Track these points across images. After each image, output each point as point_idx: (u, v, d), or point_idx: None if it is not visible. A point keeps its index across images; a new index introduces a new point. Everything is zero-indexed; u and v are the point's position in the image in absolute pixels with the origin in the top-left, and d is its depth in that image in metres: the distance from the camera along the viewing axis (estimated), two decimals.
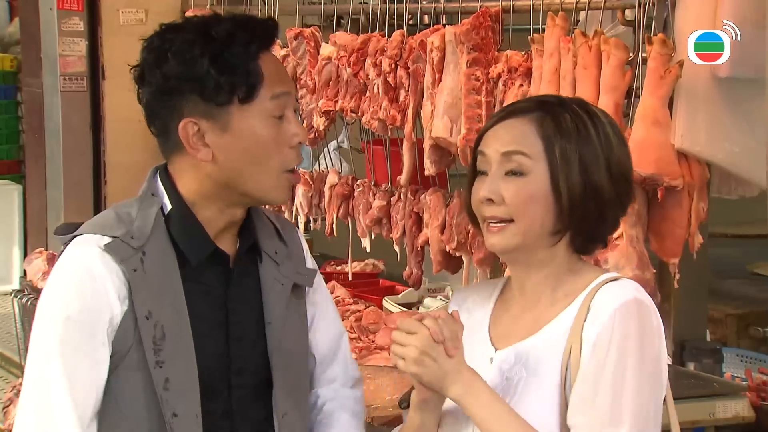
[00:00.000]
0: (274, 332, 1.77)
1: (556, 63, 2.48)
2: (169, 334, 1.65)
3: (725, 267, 4.84)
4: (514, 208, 1.67)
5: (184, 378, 1.66)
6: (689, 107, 2.34)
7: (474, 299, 1.82)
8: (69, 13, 4.04)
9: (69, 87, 4.06)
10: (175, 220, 1.70)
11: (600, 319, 1.62)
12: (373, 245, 3.24)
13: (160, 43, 1.68)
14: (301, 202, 3.42)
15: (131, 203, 1.72)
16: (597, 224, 1.69)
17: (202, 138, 1.68)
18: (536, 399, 1.64)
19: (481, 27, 2.69)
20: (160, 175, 1.74)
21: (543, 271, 1.71)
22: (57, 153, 4.11)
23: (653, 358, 1.63)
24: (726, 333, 4.26)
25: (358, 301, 3.47)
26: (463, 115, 2.71)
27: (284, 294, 1.80)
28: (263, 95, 1.68)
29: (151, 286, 1.65)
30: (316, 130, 3.26)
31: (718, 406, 2.50)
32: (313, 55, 3.25)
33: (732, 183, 2.56)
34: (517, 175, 1.67)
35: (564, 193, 1.65)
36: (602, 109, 1.76)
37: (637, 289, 1.66)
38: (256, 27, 1.70)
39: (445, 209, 2.90)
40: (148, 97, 1.70)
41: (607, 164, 1.66)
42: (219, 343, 1.72)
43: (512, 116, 1.70)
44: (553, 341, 1.65)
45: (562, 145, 1.65)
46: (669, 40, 2.33)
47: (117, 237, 1.65)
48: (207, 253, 1.71)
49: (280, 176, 1.71)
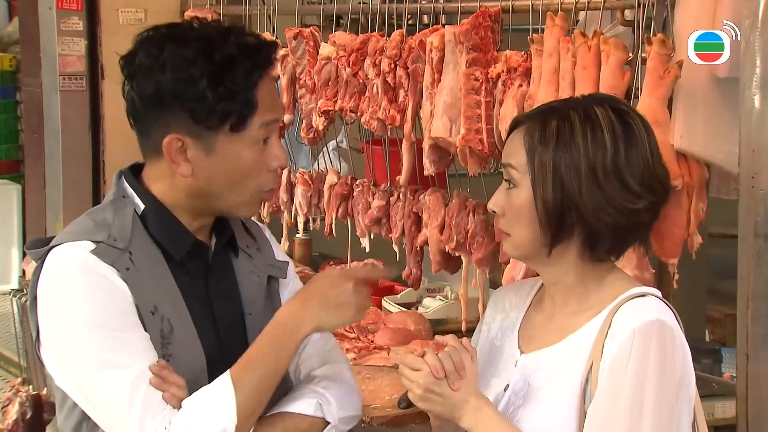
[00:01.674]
0: (254, 324, 1.77)
1: (555, 63, 2.48)
2: (176, 327, 1.66)
3: (724, 267, 4.83)
4: (506, 220, 1.69)
5: (191, 369, 1.66)
6: (688, 107, 2.34)
7: (511, 299, 1.82)
8: (68, 13, 4.03)
9: (68, 86, 4.06)
10: (151, 218, 1.70)
11: (619, 339, 1.60)
12: (372, 245, 3.24)
13: (158, 52, 1.65)
14: (301, 202, 3.42)
15: (103, 208, 1.71)
16: (591, 235, 1.63)
17: (184, 153, 1.67)
18: (553, 408, 1.64)
19: (481, 27, 2.69)
20: (125, 177, 1.73)
21: (564, 278, 1.69)
22: (56, 153, 4.10)
23: (673, 382, 1.59)
24: (725, 333, 4.26)
25: None
26: (463, 115, 2.70)
27: (261, 286, 1.82)
28: (254, 123, 1.67)
29: (148, 282, 1.65)
30: (315, 130, 3.26)
31: (717, 406, 2.50)
32: (313, 55, 3.25)
33: (731, 183, 2.55)
34: (511, 187, 1.68)
35: (539, 205, 1.63)
36: (628, 111, 1.68)
37: (660, 310, 1.63)
38: (258, 52, 1.67)
39: (444, 209, 2.90)
40: (135, 100, 1.68)
41: (592, 172, 1.60)
42: (212, 335, 1.73)
43: (517, 126, 1.71)
44: (574, 352, 1.65)
45: (541, 155, 1.63)
46: (668, 40, 2.33)
47: (101, 241, 1.64)
48: (189, 246, 1.72)
49: (253, 195, 1.72)
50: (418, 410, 2.51)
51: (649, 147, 1.66)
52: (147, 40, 1.68)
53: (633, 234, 1.68)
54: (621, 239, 1.67)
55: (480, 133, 2.67)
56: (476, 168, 2.74)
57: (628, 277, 1.75)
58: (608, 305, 1.65)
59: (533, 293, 1.80)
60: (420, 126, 2.91)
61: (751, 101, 2.08)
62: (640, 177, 1.64)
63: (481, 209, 2.82)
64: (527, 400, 1.66)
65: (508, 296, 1.84)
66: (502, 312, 1.81)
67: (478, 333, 1.87)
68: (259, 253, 1.84)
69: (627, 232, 1.66)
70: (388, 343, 3.02)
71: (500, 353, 1.75)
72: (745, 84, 2.08)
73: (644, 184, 1.64)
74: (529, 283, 1.85)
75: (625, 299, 1.64)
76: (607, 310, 1.64)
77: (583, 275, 1.69)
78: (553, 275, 1.71)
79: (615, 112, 1.66)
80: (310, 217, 3.45)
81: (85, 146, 4.11)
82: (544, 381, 1.66)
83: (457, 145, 2.72)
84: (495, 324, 1.83)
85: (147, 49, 1.66)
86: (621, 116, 1.66)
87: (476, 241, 2.80)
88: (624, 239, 1.68)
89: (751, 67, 2.06)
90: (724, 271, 4.81)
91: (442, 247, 2.90)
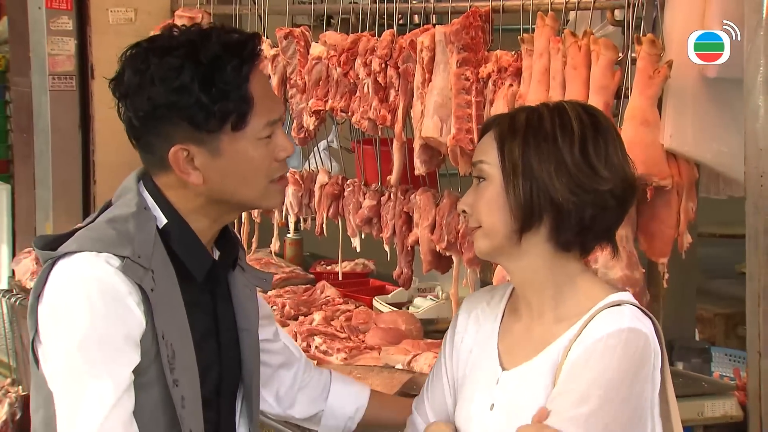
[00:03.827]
0: (250, 339, 1.78)
1: (545, 63, 2.49)
2: (178, 352, 1.63)
3: (714, 267, 4.86)
4: (477, 212, 1.70)
5: (192, 395, 1.65)
6: (678, 107, 2.35)
7: (483, 309, 1.81)
8: (58, 12, 4.02)
9: (58, 86, 4.05)
10: (174, 236, 1.67)
11: (585, 343, 1.61)
12: (363, 245, 3.24)
13: (145, 67, 1.63)
14: (291, 202, 3.42)
15: (126, 218, 1.65)
16: (558, 218, 1.64)
17: (191, 162, 1.66)
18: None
19: (471, 27, 2.69)
20: (146, 185, 1.70)
21: (534, 275, 1.69)
22: (46, 152, 4.09)
23: (630, 393, 1.58)
24: (714, 332, 4.28)
25: (348, 301, 3.47)
26: (453, 114, 2.71)
27: (253, 299, 1.82)
28: (255, 122, 1.66)
29: (164, 305, 1.63)
30: (306, 130, 3.26)
31: (707, 405, 2.51)
32: (303, 55, 3.25)
33: (720, 183, 2.56)
34: (480, 181, 1.70)
35: (510, 190, 1.65)
36: (594, 109, 1.72)
37: (635, 317, 1.62)
38: (243, 47, 1.65)
39: (435, 209, 2.90)
40: (133, 120, 1.66)
41: (560, 155, 1.62)
42: (212, 352, 1.73)
43: (487, 129, 1.73)
44: (548, 365, 1.65)
45: (511, 143, 1.65)
46: (658, 40, 2.33)
47: (127, 257, 1.60)
48: (208, 266, 1.70)
49: (266, 187, 1.71)
50: None
51: (617, 142, 1.68)
52: (131, 57, 1.66)
53: (599, 221, 1.66)
54: (587, 225, 1.65)
55: (470, 133, 2.67)
56: (467, 168, 2.74)
57: (602, 283, 1.74)
58: (585, 315, 1.65)
59: (505, 300, 1.79)
60: (411, 126, 2.91)
61: (756, 101, 2.08)
62: (608, 165, 1.65)
63: None
64: (513, 419, 1.65)
65: (479, 305, 1.81)
66: (475, 323, 1.79)
67: (451, 341, 1.83)
68: (247, 264, 1.84)
69: (592, 218, 1.65)
70: (379, 343, 3.02)
71: (479, 369, 1.74)
72: (750, 84, 2.09)
73: (611, 170, 1.65)
74: (499, 290, 1.82)
75: (600, 309, 1.64)
76: (583, 320, 1.64)
77: (553, 272, 1.68)
78: (522, 272, 1.70)
79: (583, 108, 1.71)
80: (300, 217, 3.45)
81: (74, 146, 4.10)
82: (528, 397, 1.65)
83: (448, 144, 2.73)
84: (468, 336, 1.80)
85: (133, 67, 1.64)
86: (589, 111, 1.70)
87: (467, 241, 2.80)
88: (590, 225, 1.65)
89: (756, 67, 2.07)
90: (714, 271, 4.84)
91: (433, 247, 2.90)
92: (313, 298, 3.55)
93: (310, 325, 3.18)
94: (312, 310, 3.38)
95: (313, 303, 3.49)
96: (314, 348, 3.01)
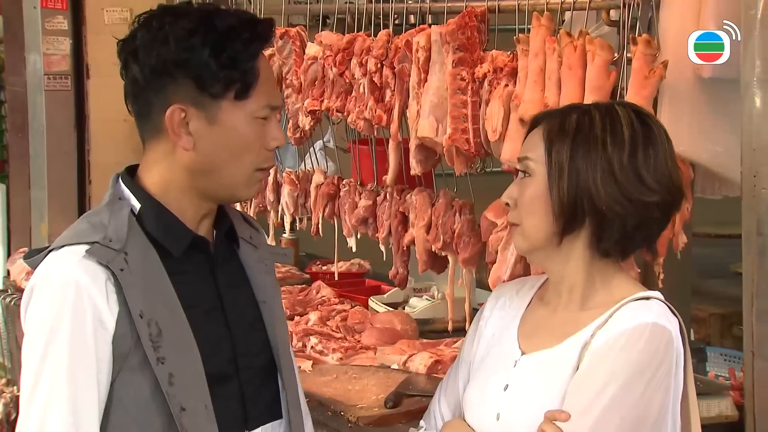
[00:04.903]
0: (269, 311, 1.79)
1: (541, 63, 2.49)
2: (165, 329, 1.64)
3: (709, 267, 4.86)
4: (519, 209, 1.69)
5: (188, 371, 1.65)
6: (673, 108, 2.35)
7: (511, 296, 1.82)
8: (53, 12, 4.02)
9: (53, 86, 4.05)
10: (147, 217, 1.70)
11: (609, 333, 1.60)
12: (358, 245, 3.24)
13: (159, 26, 1.66)
14: (287, 202, 3.42)
15: (100, 211, 1.71)
16: (600, 226, 1.63)
17: (186, 125, 1.67)
18: (547, 408, 1.63)
19: (467, 27, 2.69)
20: (122, 179, 1.73)
21: (571, 274, 1.69)
22: (41, 152, 4.09)
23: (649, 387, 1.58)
24: (709, 332, 4.29)
25: (344, 301, 3.48)
26: (449, 114, 2.71)
27: (270, 274, 1.84)
28: (256, 99, 1.68)
29: (140, 285, 1.64)
30: (302, 130, 3.26)
31: (702, 405, 2.50)
32: (299, 55, 3.25)
33: (716, 183, 2.57)
34: (525, 176, 1.69)
35: (554, 193, 1.64)
36: (646, 114, 1.71)
37: (661, 314, 1.62)
38: (257, 25, 1.70)
39: (430, 209, 2.91)
40: (138, 77, 1.68)
41: (608, 164, 1.61)
42: (219, 328, 1.73)
43: (537, 124, 1.72)
44: (572, 353, 1.65)
45: (560, 145, 1.64)
46: (653, 40, 2.33)
47: (96, 242, 1.63)
48: (187, 242, 1.72)
49: (252, 173, 1.72)
50: (404, 410, 2.53)
51: (667, 150, 1.67)
52: (147, 18, 1.70)
53: (641, 230, 1.66)
54: (629, 234, 1.65)
55: (466, 133, 2.68)
56: (463, 168, 2.74)
57: (635, 282, 1.75)
58: (611, 307, 1.64)
59: (535, 290, 1.80)
60: (406, 126, 2.91)
61: (752, 100, 2.08)
62: (656, 175, 1.64)
63: (467, 209, 2.82)
64: (527, 402, 1.66)
65: (509, 293, 1.83)
66: (501, 309, 1.80)
67: (476, 325, 1.86)
68: (261, 242, 1.86)
69: (635, 228, 1.65)
70: (374, 343, 3.03)
71: (499, 351, 1.74)
72: (746, 83, 2.09)
73: (660, 181, 1.64)
74: (531, 280, 1.84)
75: (629, 301, 1.64)
76: (609, 312, 1.64)
77: (590, 273, 1.68)
78: (560, 270, 1.70)
79: (635, 113, 1.69)
80: (296, 217, 3.45)
81: (70, 146, 4.10)
82: (543, 383, 1.65)
83: (444, 144, 2.73)
84: (493, 320, 1.82)
85: (148, 26, 1.68)
86: (641, 117, 1.68)
87: (463, 241, 2.80)
88: (632, 235, 1.66)
89: (752, 66, 2.07)
90: (709, 271, 4.85)
91: (429, 247, 2.90)
92: (309, 298, 3.55)
93: (306, 325, 3.18)
94: (308, 310, 3.38)
95: (308, 303, 3.49)
96: (310, 348, 3.01)
